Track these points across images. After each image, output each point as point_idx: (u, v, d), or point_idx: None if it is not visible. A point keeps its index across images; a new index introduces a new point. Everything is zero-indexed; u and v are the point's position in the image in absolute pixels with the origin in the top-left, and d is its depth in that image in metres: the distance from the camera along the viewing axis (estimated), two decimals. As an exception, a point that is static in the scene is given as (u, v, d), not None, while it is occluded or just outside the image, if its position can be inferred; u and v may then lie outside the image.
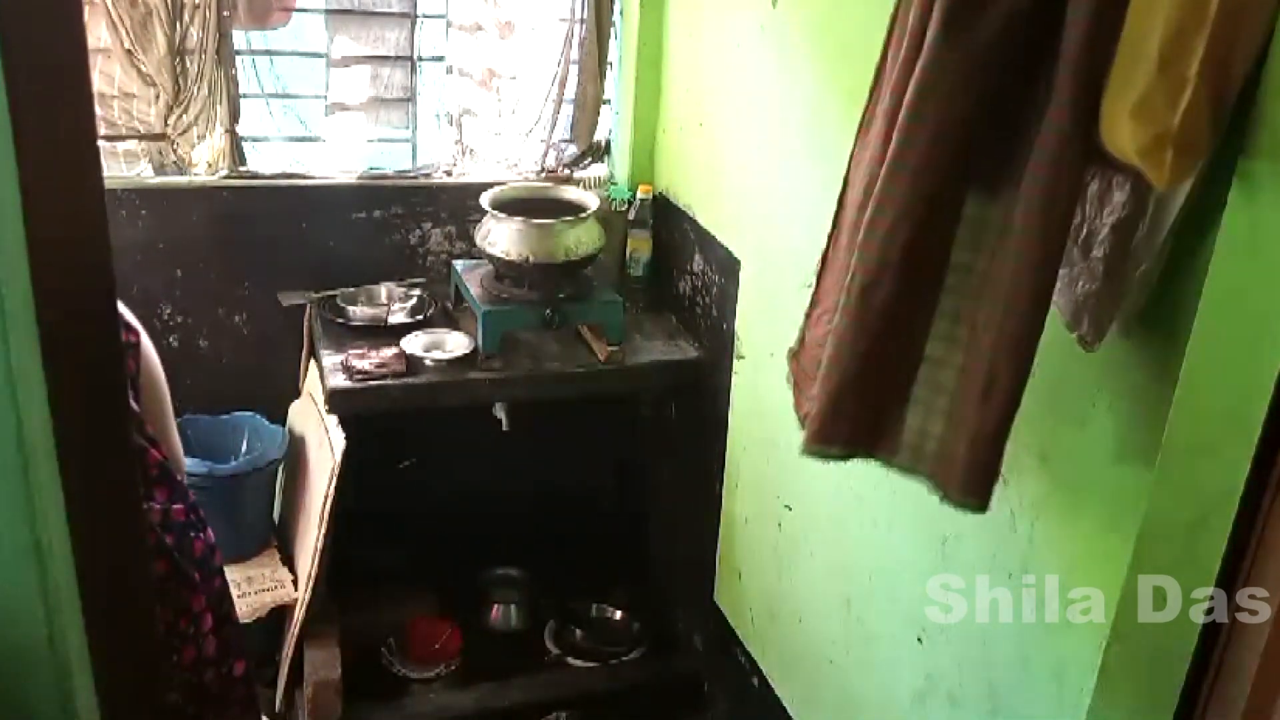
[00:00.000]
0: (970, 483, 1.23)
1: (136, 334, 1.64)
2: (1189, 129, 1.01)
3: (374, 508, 2.70)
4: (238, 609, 2.40)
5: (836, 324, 1.28)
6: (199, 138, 2.54)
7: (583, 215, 2.48)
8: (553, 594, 2.89)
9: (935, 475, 1.28)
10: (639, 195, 2.72)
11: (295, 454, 2.58)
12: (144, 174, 2.54)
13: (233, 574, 2.50)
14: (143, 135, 2.51)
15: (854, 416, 1.30)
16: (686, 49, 2.60)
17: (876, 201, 1.22)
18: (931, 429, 1.28)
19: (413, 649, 2.65)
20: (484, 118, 2.78)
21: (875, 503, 1.89)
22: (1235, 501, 1.05)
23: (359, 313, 2.61)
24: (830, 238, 1.45)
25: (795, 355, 1.52)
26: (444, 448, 2.86)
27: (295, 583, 2.50)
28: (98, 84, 2.41)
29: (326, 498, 2.33)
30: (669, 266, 2.73)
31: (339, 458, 2.29)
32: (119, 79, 2.45)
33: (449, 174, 2.78)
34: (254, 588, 2.48)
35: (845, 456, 1.33)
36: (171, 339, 2.63)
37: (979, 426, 1.21)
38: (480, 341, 2.42)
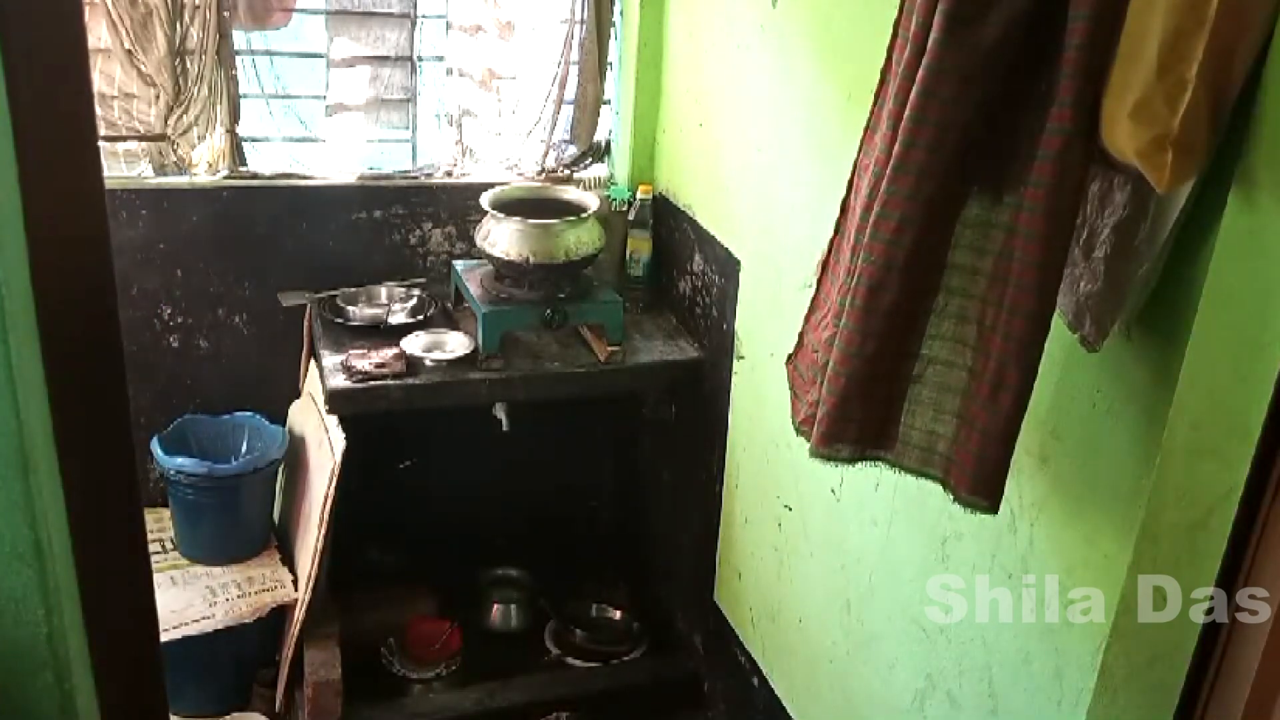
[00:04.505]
0: (980, 483, 1.24)
1: None
2: (1189, 131, 1.01)
3: (374, 507, 2.70)
4: (238, 609, 2.42)
5: (842, 326, 1.29)
6: (199, 138, 2.54)
7: (583, 216, 2.48)
8: (553, 594, 2.89)
9: (946, 476, 1.29)
10: (639, 195, 2.72)
11: (295, 454, 2.59)
12: (144, 174, 2.54)
13: (233, 574, 2.51)
14: (143, 135, 2.51)
15: (861, 418, 1.30)
16: (686, 49, 2.60)
17: (881, 204, 1.23)
18: (941, 430, 1.29)
19: (412, 649, 2.65)
20: (484, 118, 2.78)
21: (875, 503, 1.89)
22: (1235, 501, 1.06)
23: (359, 313, 2.61)
24: (832, 243, 1.45)
25: (792, 360, 1.52)
26: (444, 448, 2.86)
27: (295, 583, 2.50)
28: (98, 84, 2.41)
29: (326, 498, 2.33)
30: (669, 266, 2.74)
31: (339, 458, 2.29)
32: (119, 79, 2.45)
33: (449, 174, 2.78)
34: (254, 588, 2.48)
35: (853, 459, 1.33)
36: (171, 339, 2.63)
37: (988, 427, 1.22)
38: (480, 341, 2.42)
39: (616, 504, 3.15)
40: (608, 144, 2.90)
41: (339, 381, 2.33)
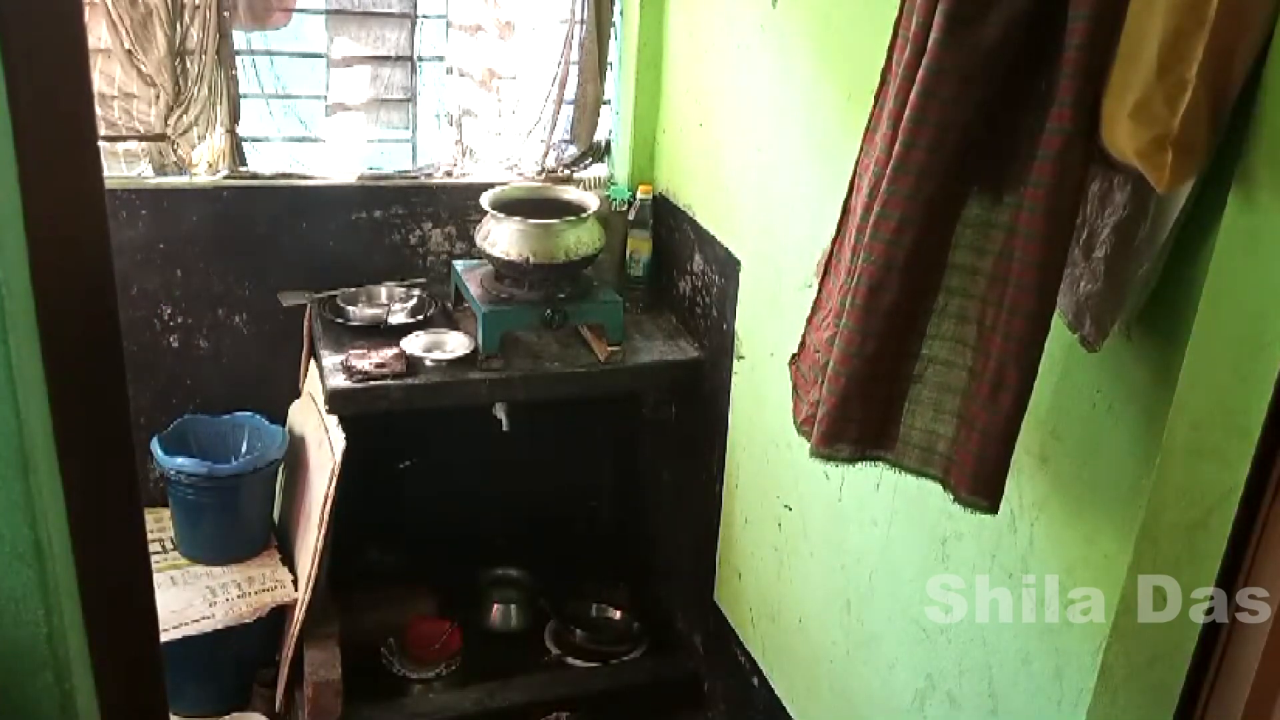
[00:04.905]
0: (980, 483, 1.24)
1: None
2: (1189, 131, 1.01)
3: (374, 507, 2.70)
4: (238, 609, 2.42)
5: (843, 326, 1.29)
6: (199, 138, 2.54)
7: (583, 216, 2.48)
8: (553, 594, 2.89)
9: (946, 476, 1.29)
10: (639, 195, 2.72)
11: (295, 454, 2.58)
12: (144, 174, 2.54)
13: (233, 574, 2.51)
14: (143, 135, 2.51)
15: (861, 418, 1.30)
16: (686, 49, 2.60)
17: (882, 204, 1.23)
18: (942, 430, 1.29)
19: (412, 649, 2.65)
20: (484, 118, 2.78)
21: (875, 503, 1.89)
22: (1235, 501, 1.06)
23: (359, 313, 2.61)
24: (833, 242, 1.45)
25: (795, 360, 1.52)
26: (444, 448, 2.86)
27: (295, 583, 2.50)
28: (98, 84, 2.41)
29: (326, 498, 2.33)
30: (669, 266, 2.74)
31: (339, 458, 2.29)
32: (119, 79, 2.45)
33: (449, 174, 2.78)
34: (254, 588, 2.48)
35: (853, 459, 1.33)
36: (171, 339, 2.63)
37: (988, 426, 1.22)
38: (480, 341, 2.42)
39: (616, 504, 3.15)
40: (608, 144, 2.90)
41: (339, 381, 2.33)
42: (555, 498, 3.06)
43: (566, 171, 2.87)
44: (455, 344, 2.46)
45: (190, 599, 2.42)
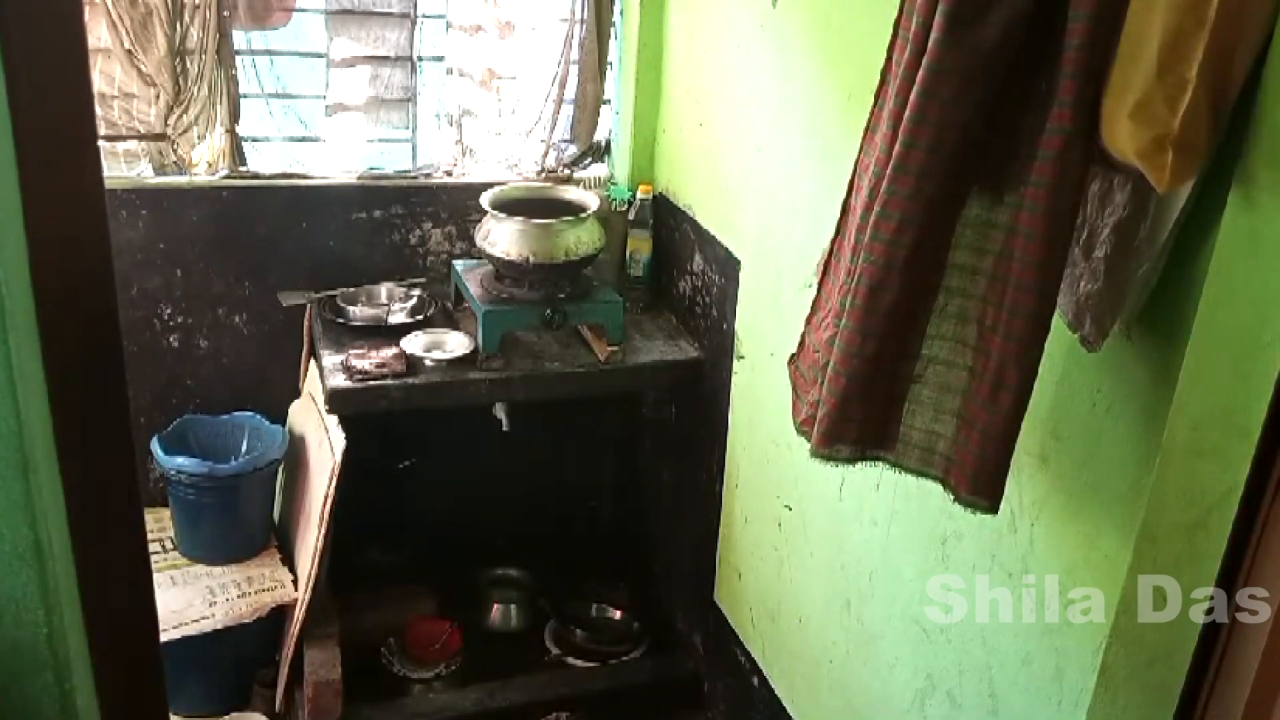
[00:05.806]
0: (981, 483, 1.24)
1: None
2: (1189, 131, 1.01)
3: (374, 508, 2.70)
4: (238, 609, 2.42)
5: (842, 326, 1.29)
6: (199, 138, 2.54)
7: (583, 215, 2.48)
8: (553, 594, 2.89)
9: (946, 476, 1.29)
10: (639, 195, 2.72)
11: (295, 454, 2.58)
12: (144, 174, 2.54)
13: (233, 574, 2.51)
14: (143, 135, 2.51)
15: (861, 418, 1.30)
16: (686, 49, 2.60)
17: (882, 204, 1.23)
18: (942, 430, 1.29)
19: (412, 649, 2.65)
20: (484, 118, 2.78)
21: (875, 503, 1.89)
22: (1235, 501, 1.06)
23: (359, 313, 2.61)
24: (833, 243, 1.45)
25: (794, 360, 1.52)
26: (444, 448, 2.86)
27: (295, 583, 2.50)
28: (98, 84, 2.41)
29: (326, 498, 2.33)
30: (669, 266, 2.74)
31: (339, 458, 2.29)
32: (119, 79, 2.45)
33: (449, 174, 2.78)
34: (254, 588, 2.48)
35: (853, 459, 1.33)
36: (171, 339, 2.63)
37: (988, 426, 1.22)
38: (480, 341, 2.42)
39: (616, 504, 3.15)
40: (608, 144, 2.90)
41: (339, 381, 2.33)
42: (555, 498, 3.06)
43: (566, 171, 2.87)
44: (455, 344, 2.46)
45: (190, 599, 2.42)
